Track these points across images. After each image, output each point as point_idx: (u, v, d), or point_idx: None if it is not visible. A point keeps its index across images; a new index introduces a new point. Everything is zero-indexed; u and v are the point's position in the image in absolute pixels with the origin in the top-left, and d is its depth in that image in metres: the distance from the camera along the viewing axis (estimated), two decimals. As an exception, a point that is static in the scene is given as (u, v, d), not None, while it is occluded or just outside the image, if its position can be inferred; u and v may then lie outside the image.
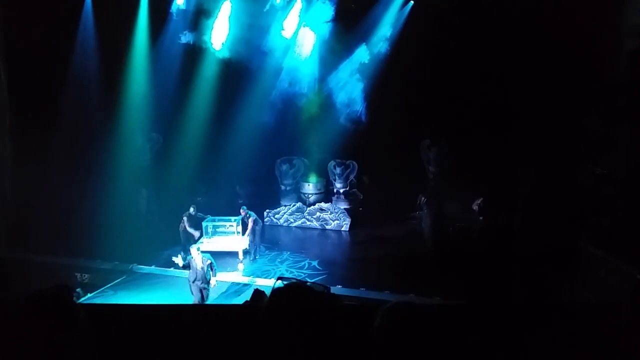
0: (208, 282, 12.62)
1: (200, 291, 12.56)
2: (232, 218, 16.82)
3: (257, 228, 16.57)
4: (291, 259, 16.40)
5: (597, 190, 10.65)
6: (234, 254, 16.18)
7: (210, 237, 16.72)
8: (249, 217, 16.44)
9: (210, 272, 12.68)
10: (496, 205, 17.16)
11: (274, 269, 15.54)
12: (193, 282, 12.59)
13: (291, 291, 2.13)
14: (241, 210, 16.75)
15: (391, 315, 2.22)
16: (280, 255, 16.74)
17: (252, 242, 16.37)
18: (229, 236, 16.66)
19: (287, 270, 15.44)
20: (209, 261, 12.70)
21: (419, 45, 18.35)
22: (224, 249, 16.21)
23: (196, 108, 20.10)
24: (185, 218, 16.48)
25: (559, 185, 11.87)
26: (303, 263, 16.03)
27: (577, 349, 3.27)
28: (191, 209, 16.65)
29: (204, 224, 16.74)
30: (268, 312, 2.07)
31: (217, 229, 16.84)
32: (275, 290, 2.16)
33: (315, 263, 16.00)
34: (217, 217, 17.15)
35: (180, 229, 16.44)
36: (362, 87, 19.36)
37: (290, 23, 19.38)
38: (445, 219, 16.02)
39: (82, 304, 2.88)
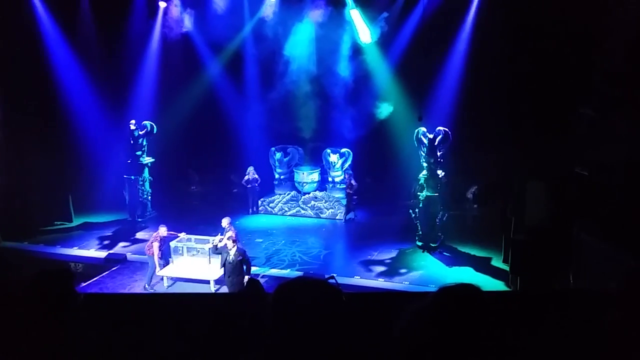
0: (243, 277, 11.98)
1: (234, 286, 11.85)
2: (211, 239, 13.47)
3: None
4: (285, 248, 16.36)
5: (595, 179, 10.66)
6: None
7: (178, 258, 14.04)
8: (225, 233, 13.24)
9: (244, 268, 12.09)
10: (491, 194, 17.21)
11: (268, 258, 15.51)
12: (226, 276, 12.13)
13: (299, 282, 2.12)
14: (225, 222, 13.71)
15: (451, 296, 2.22)
16: (274, 244, 16.67)
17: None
18: (199, 260, 13.87)
19: (281, 260, 15.44)
20: (241, 256, 12.07)
21: (417, 27, 18.31)
22: (191, 276, 13.65)
23: (190, 96, 19.98)
24: (154, 243, 13.49)
25: (555, 174, 11.89)
26: (297, 252, 16.02)
27: (571, 335, 3.28)
28: (161, 229, 13.70)
29: (172, 244, 14.03)
30: (275, 303, 2.05)
31: (189, 251, 14.12)
32: (285, 281, 2.14)
33: (310, 252, 16.02)
34: (193, 237, 14.40)
35: (147, 252, 13.62)
36: (357, 74, 19.24)
37: (284, 9, 19.23)
38: (440, 207, 16.04)
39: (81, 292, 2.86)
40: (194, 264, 13.90)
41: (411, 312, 2.14)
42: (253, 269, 12.86)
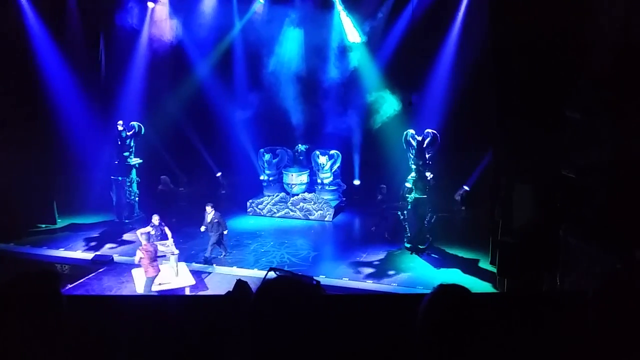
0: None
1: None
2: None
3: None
4: (274, 250, 16.32)
5: (579, 181, 10.73)
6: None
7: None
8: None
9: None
10: (479, 196, 17.28)
11: (257, 259, 15.47)
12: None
13: (280, 283, 2.11)
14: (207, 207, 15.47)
15: (442, 297, 2.23)
16: (263, 245, 16.63)
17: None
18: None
19: (269, 262, 15.41)
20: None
21: (406, 28, 18.34)
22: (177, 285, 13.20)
23: (178, 97, 19.91)
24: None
25: (542, 177, 11.95)
26: (286, 254, 15.99)
27: (558, 337, 3.29)
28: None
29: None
30: (256, 303, 2.04)
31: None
32: (265, 282, 2.13)
33: (299, 253, 16.00)
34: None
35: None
36: (346, 75, 19.27)
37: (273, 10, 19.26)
38: (428, 209, 16.08)
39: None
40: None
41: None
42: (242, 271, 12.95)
